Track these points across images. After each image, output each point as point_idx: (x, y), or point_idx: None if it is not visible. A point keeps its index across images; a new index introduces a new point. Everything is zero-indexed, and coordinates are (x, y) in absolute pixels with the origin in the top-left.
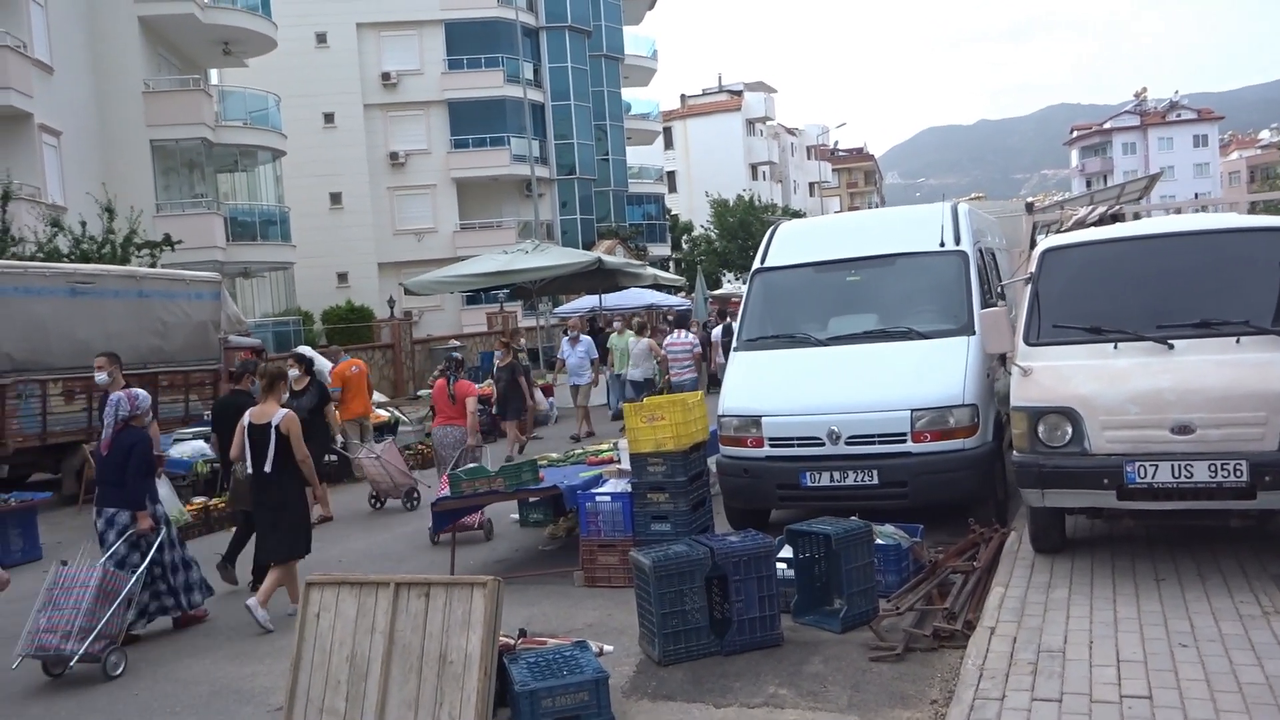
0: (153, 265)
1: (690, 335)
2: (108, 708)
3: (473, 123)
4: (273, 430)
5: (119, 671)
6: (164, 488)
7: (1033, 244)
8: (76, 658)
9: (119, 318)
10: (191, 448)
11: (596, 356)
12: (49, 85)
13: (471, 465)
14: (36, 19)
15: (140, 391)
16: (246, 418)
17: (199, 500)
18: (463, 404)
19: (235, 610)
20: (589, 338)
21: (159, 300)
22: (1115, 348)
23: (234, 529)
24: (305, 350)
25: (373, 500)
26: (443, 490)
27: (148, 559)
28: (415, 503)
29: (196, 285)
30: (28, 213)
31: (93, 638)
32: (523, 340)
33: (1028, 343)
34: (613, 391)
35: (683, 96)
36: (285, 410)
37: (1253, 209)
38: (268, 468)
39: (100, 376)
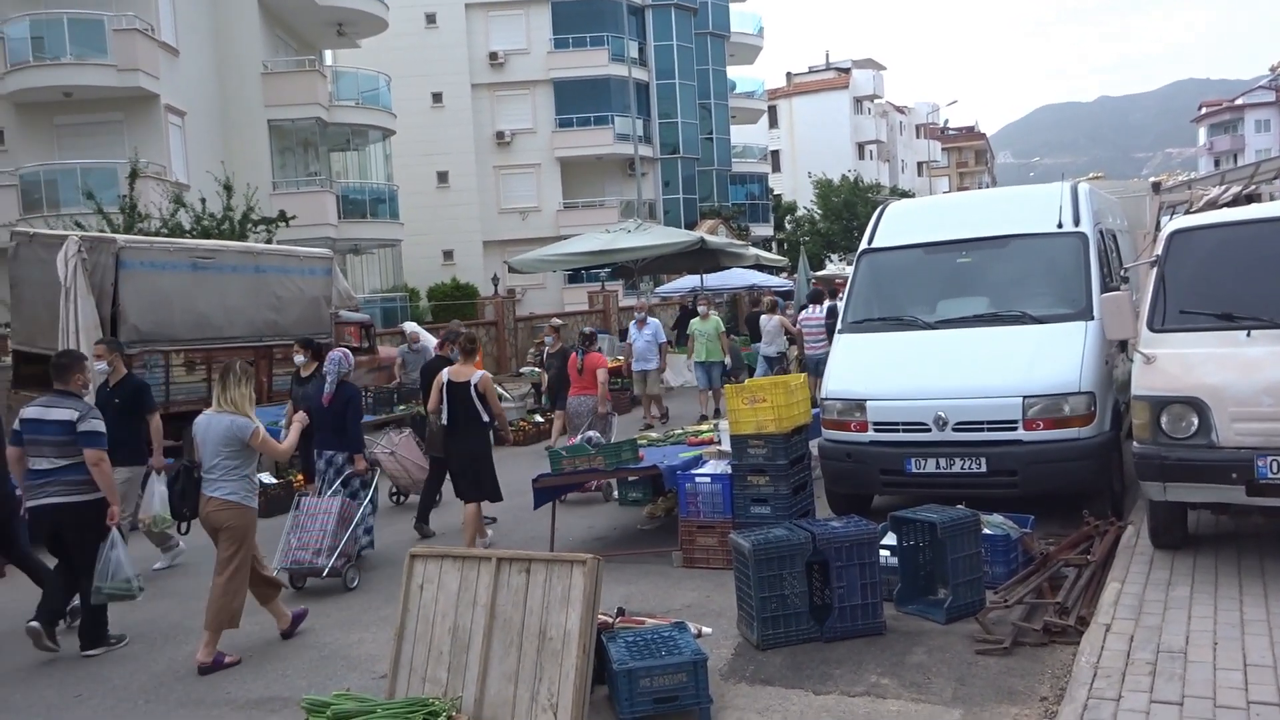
0: (268, 241)
1: (823, 310)
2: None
3: (577, 102)
4: (471, 388)
5: (355, 584)
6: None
7: (1159, 226)
8: (326, 570)
9: (237, 292)
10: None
11: (665, 340)
12: (174, 67)
13: (586, 437)
14: (163, 3)
15: (349, 352)
16: (445, 375)
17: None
18: (592, 375)
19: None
20: (656, 320)
21: (274, 275)
22: (1248, 335)
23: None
24: (411, 326)
25: (393, 496)
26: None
27: (371, 489)
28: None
29: (309, 261)
30: (153, 190)
31: (336, 555)
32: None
33: (1152, 329)
34: (699, 378)
35: (789, 74)
36: (483, 371)
37: None
38: (465, 421)
39: (100, 365)
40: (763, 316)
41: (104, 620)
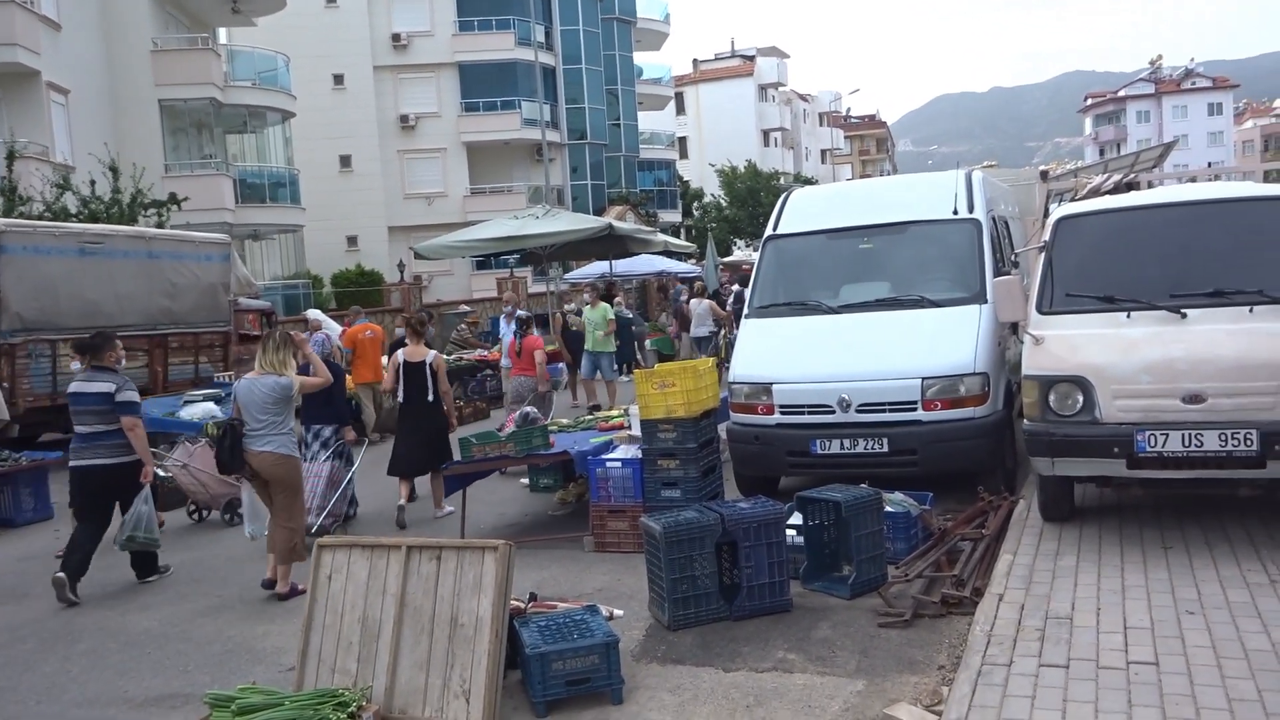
0: (160, 226)
1: None
2: (120, 665)
3: (483, 86)
4: (427, 367)
5: (307, 557)
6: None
7: (1046, 212)
8: (315, 527)
9: (128, 278)
10: (202, 409)
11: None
12: (56, 42)
13: (524, 413)
14: None
15: (330, 334)
16: (400, 356)
17: None
18: (530, 356)
19: (246, 572)
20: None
21: (168, 261)
22: (1128, 317)
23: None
24: (314, 313)
25: (191, 513)
26: (508, 427)
27: (359, 459)
28: (237, 517)
29: (205, 247)
30: (35, 172)
31: (325, 514)
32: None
33: (1040, 311)
34: (585, 367)
35: (695, 61)
36: (435, 351)
37: (1267, 178)
38: (430, 397)
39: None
40: (693, 300)
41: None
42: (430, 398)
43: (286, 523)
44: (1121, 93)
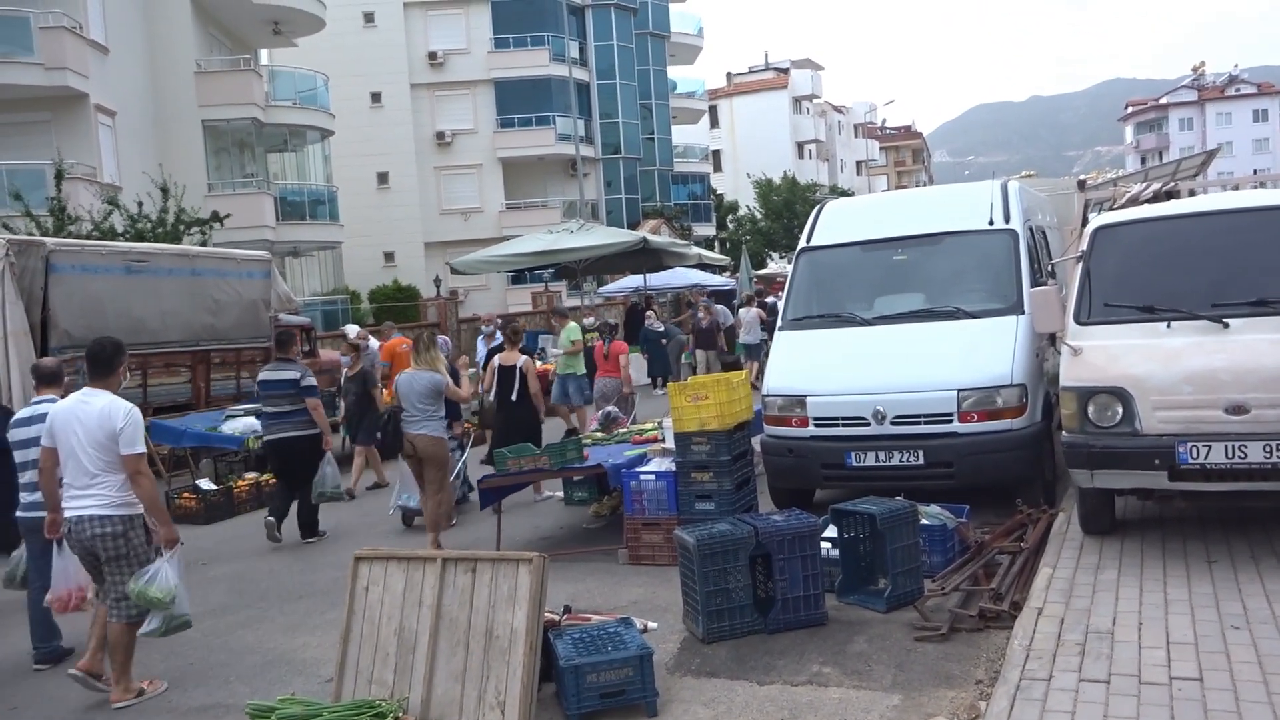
0: (204, 244)
1: None
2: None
3: (519, 102)
4: (518, 370)
5: (454, 521)
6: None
7: (1085, 222)
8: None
9: (173, 296)
10: (243, 424)
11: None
12: (104, 66)
13: (606, 412)
14: (92, 1)
15: (446, 339)
16: (496, 361)
17: (250, 475)
18: (616, 360)
19: (286, 584)
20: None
21: (211, 278)
22: (1168, 327)
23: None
24: (352, 330)
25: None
26: (592, 424)
27: (466, 449)
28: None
29: (247, 264)
30: (84, 192)
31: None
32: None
33: (1078, 322)
34: (555, 393)
35: (729, 75)
36: (526, 356)
37: None
38: (514, 396)
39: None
40: (742, 309)
41: (317, 519)
42: (521, 396)
43: (436, 494)
44: (1163, 100)
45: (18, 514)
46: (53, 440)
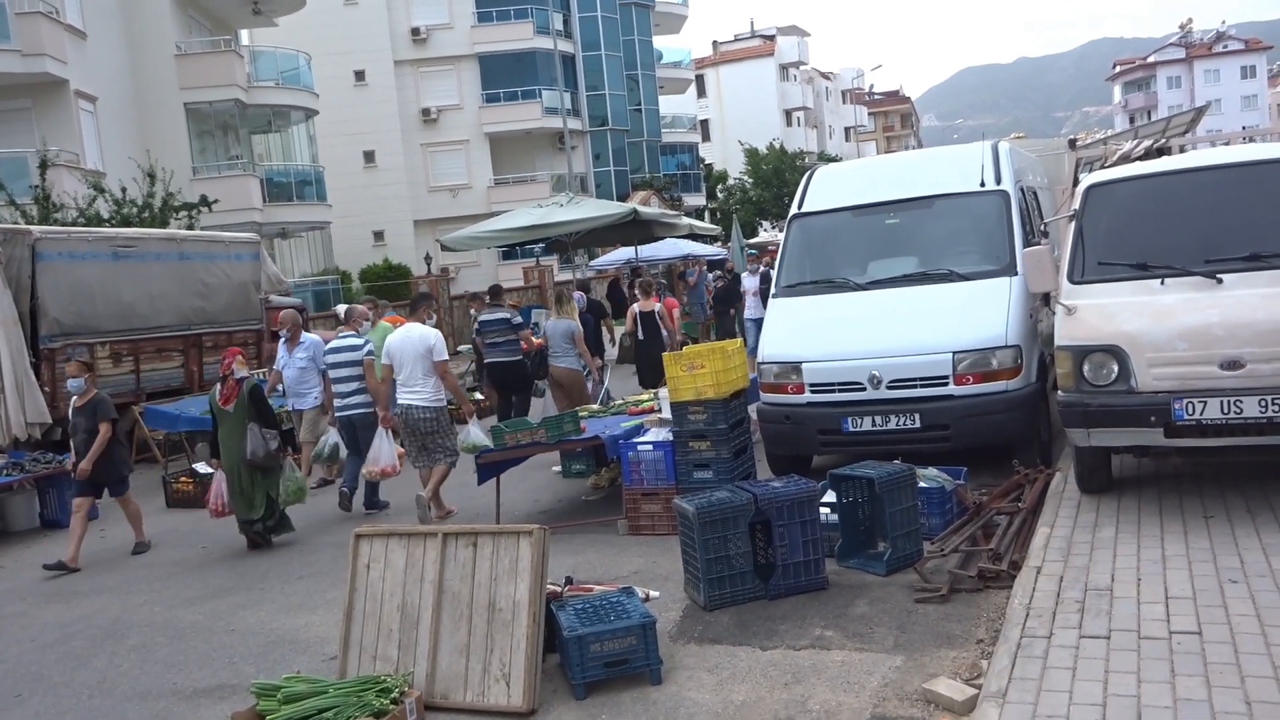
0: (191, 228)
1: None
2: (168, 658)
3: (504, 76)
4: (655, 314)
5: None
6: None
7: (1076, 181)
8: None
9: (161, 280)
10: None
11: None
12: (82, 51)
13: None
14: None
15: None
16: (636, 307)
17: None
18: (671, 314)
19: (288, 567)
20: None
21: (200, 262)
22: (1162, 284)
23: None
24: (342, 309)
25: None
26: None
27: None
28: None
29: (236, 246)
30: (67, 178)
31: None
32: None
33: (1072, 281)
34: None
35: (715, 43)
36: (661, 304)
37: None
38: (641, 335)
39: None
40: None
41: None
42: (656, 335)
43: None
44: (1151, 58)
45: (335, 413)
46: (390, 358)
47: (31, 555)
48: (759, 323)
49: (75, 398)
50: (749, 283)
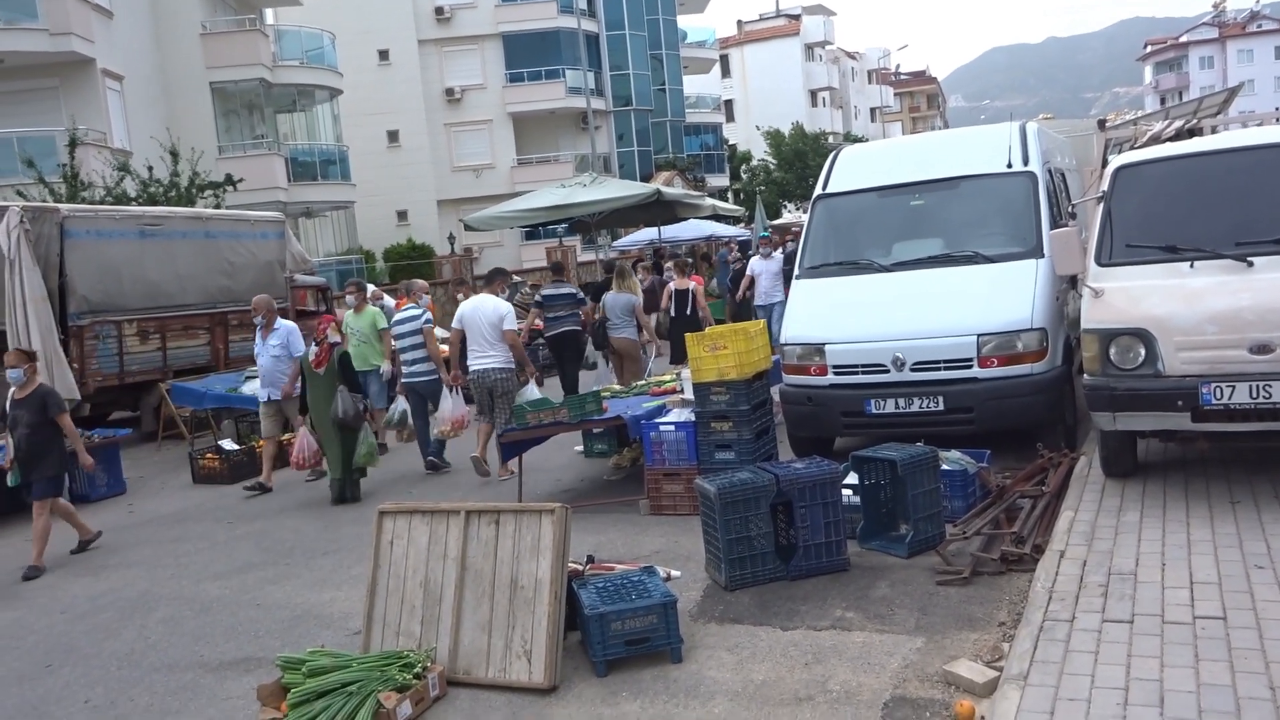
0: (217, 206)
1: None
2: (195, 631)
3: (528, 55)
4: (690, 293)
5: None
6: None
7: (1105, 162)
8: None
9: (187, 258)
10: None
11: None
12: (109, 29)
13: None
14: None
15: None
16: (671, 285)
17: None
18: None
19: (312, 540)
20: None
21: (225, 241)
22: (1191, 266)
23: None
24: (372, 286)
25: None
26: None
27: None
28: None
29: (261, 225)
30: (95, 157)
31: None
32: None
33: (1099, 263)
34: None
35: (739, 22)
36: (695, 282)
37: None
38: (688, 312)
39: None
40: (757, 261)
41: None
42: (692, 313)
43: (631, 383)
44: (1183, 38)
45: (403, 380)
46: (462, 325)
47: (61, 528)
48: (768, 309)
49: (14, 389)
50: (757, 266)
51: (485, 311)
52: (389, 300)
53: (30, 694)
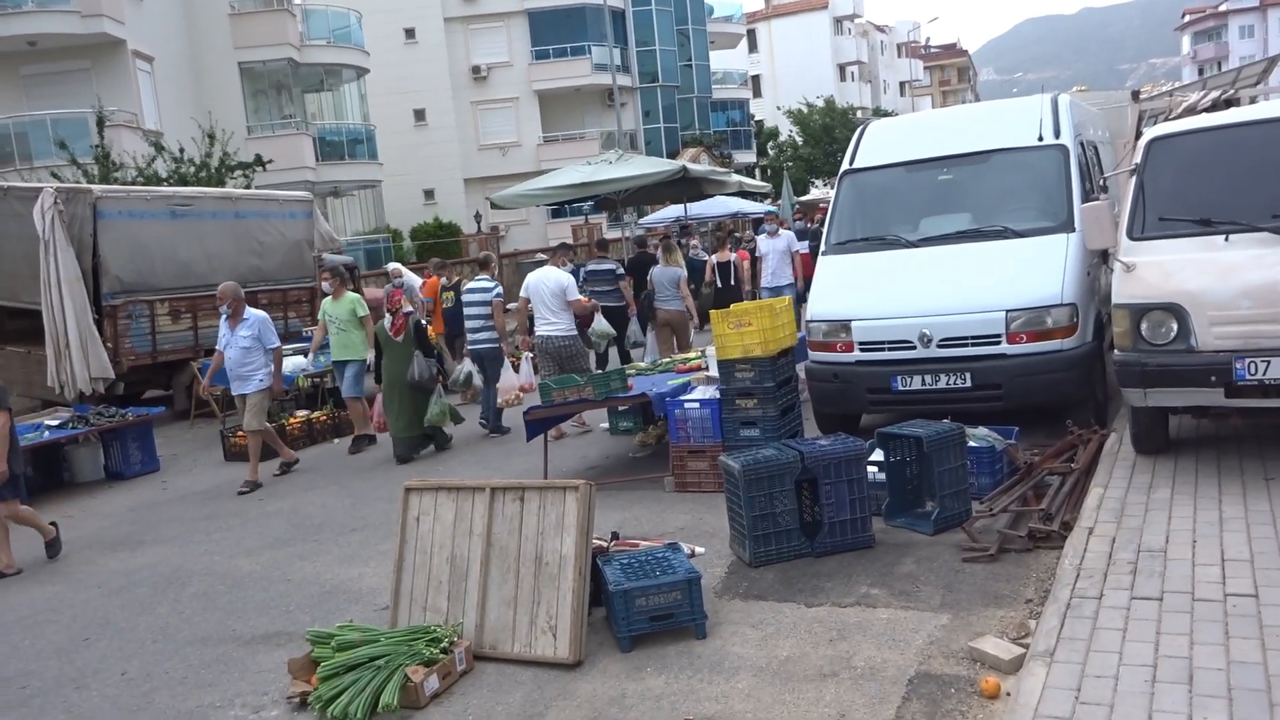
0: (246, 186)
1: None
2: (228, 606)
3: (553, 32)
4: (732, 265)
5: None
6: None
7: (1139, 134)
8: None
9: (218, 238)
10: (292, 364)
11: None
12: (139, 11)
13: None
14: None
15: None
16: (713, 258)
17: (301, 414)
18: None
19: (341, 517)
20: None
21: (255, 220)
22: (1226, 240)
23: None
24: (393, 266)
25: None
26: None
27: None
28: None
29: (289, 205)
30: (126, 138)
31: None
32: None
33: (1131, 237)
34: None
35: None
36: (737, 253)
37: None
38: (733, 282)
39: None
40: (764, 240)
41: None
42: (737, 284)
43: (678, 353)
44: (1222, 7)
45: (469, 347)
46: (528, 294)
47: (97, 505)
48: (775, 291)
49: None
50: (764, 245)
51: (549, 282)
52: (413, 277)
53: (69, 666)
